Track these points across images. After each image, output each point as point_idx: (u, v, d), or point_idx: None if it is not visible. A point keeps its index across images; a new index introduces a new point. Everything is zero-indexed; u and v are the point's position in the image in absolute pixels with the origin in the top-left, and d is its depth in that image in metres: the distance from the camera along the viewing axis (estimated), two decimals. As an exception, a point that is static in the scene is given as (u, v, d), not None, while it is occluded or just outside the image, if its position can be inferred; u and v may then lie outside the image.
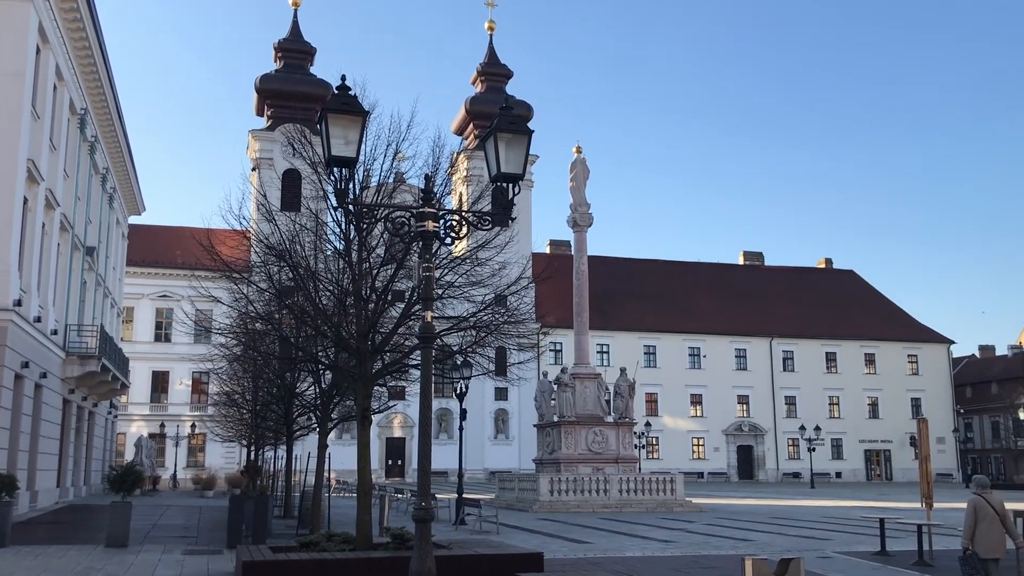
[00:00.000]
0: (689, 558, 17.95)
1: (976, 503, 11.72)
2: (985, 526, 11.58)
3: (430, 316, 8.30)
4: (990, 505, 11.67)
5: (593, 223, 39.37)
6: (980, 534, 11.59)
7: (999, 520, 11.59)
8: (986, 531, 11.57)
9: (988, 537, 11.55)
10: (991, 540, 11.54)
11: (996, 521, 11.58)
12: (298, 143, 17.77)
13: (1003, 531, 11.59)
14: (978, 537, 11.59)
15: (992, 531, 11.55)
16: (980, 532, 11.59)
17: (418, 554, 7.94)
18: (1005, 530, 11.59)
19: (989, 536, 11.55)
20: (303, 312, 15.83)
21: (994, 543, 11.52)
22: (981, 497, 11.77)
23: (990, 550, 11.52)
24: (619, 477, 35.22)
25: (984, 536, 11.56)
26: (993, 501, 11.71)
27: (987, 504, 11.68)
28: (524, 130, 8.30)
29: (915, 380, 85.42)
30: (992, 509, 11.62)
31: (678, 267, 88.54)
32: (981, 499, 11.75)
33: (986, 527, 11.58)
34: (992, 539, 11.52)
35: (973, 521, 11.65)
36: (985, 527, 11.58)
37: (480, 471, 70.43)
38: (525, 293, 19.29)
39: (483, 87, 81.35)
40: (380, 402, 25.34)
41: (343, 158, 7.98)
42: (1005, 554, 11.80)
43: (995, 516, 11.59)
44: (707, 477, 76.88)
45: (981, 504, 11.67)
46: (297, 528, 22.60)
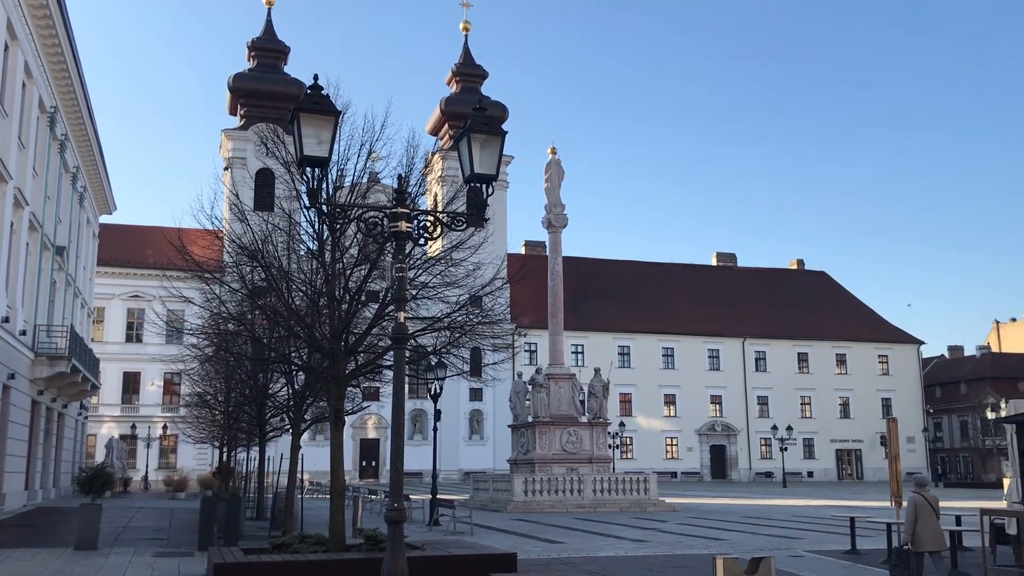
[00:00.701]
0: (662, 557, 18.03)
1: (916, 501, 12.41)
2: (924, 522, 12.30)
3: (403, 317, 8.29)
4: (928, 503, 12.35)
5: (568, 224, 39.45)
6: (920, 529, 12.29)
7: (936, 517, 12.30)
8: (925, 527, 12.27)
9: (927, 532, 12.26)
10: (930, 534, 12.27)
11: (934, 517, 12.30)
12: (271, 142, 17.66)
13: (940, 528, 12.31)
14: (919, 532, 12.29)
15: (930, 526, 12.28)
16: (920, 528, 12.31)
17: (390, 555, 7.92)
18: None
19: (928, 531, 12.26)
20: (276, 313, 15.74)
21: (934, 537, 12.29)
22: (920, 495, 12.46)
23: (931, 543, 12.26)
24: (593, 477, 35.31)
25: (924, 531, 12.25)
26: (931, 498, 12.42)
27: (926, 502, 12.37)
28: (497, 131, 8.31)
29: (885, 380, 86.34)
30: (930, 506, 12.33)
31: (652, 268, 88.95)
32: (921, 497, 12.44)
33: (924, 523, 12.29)
34: (931, 534, 12.27)
35: (914, 517, 12.36)
36: (924, 523, 12.29)
37: (455, 472, 70.37)
38: (500, 294, 19.27)
39: (458, 87, 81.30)
40: (354, 403, 25.26)
41: (315, 158, 7.95)
42: (945, 546, 12.60)
43: (932, 513, 12.29)
44: (680, 477, 77.28)
45: (921, 502, 12.35)
46: (270, 530, 22.45)
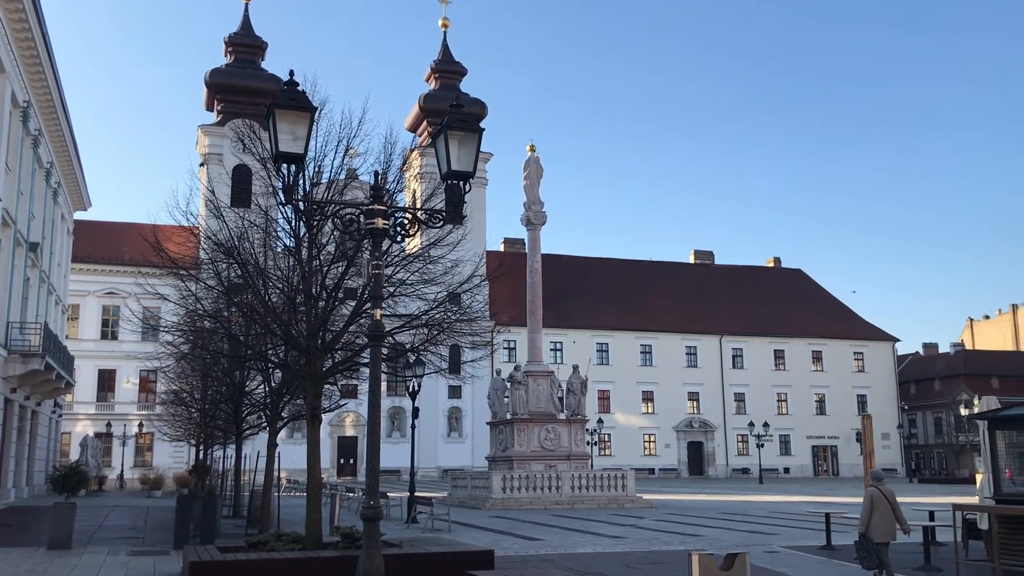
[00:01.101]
0: (639, 554, 18.11)
1: (872, 494, 13.13)
2: (879, 514, 12.98)
3: (379, 314, 8.27)
4: (884, 496, 13.09)
5: (547, 221, 39.49)
6: (875, 521, 12.97)
7: (891, 509, 12.98)
8: (879, 518, 12.97)
9: (881, 523, 12.96)
10: (884, 526, 12.96)
11: (888, 509, 12.99)
12: (248, 139, 17.54)
13: (894, 519, 12.98)
14: (873, 523, 12.97)
15: (884, 518, 12.96)
16: (875, 519, 12.99)
17: (366, 553, 7.90)
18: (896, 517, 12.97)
19: (882, 523, 12.96)
20: (252, 310, 15.66)
21: (886, 529, 12.97)
22: (877, 489, 13.18)
23: (883, 535, 12.95)
24: (571, 474, 35.38)
25: (878, 523, 12.95)
26: (886, 492, 13.15)
27: (882, 495, 13.11)
28: (475, 128, 8.29)
29: (861, 377, 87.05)
30: (885, 499, 13.06)
31: (630, 266, 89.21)
32: (877, 490, 13.16)
33: (879, 515, 12.98)
34: (884, 525, 12.95)
35: (869, 509, 13.05)
36: (879, 515, 12.98)
37: (433, 469, 70.29)
38: (478, 291, 19.28)
39: (437, 84, 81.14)
40: (331, 401, 25.20)
41: (291, 154, 7.91)
42: (895, 538, 13.24)
43: (888, 505, 12.99)
44: (658, 473, 77.60)
45: (877, 495, 13.08)
46: (246, 528, 22.35)
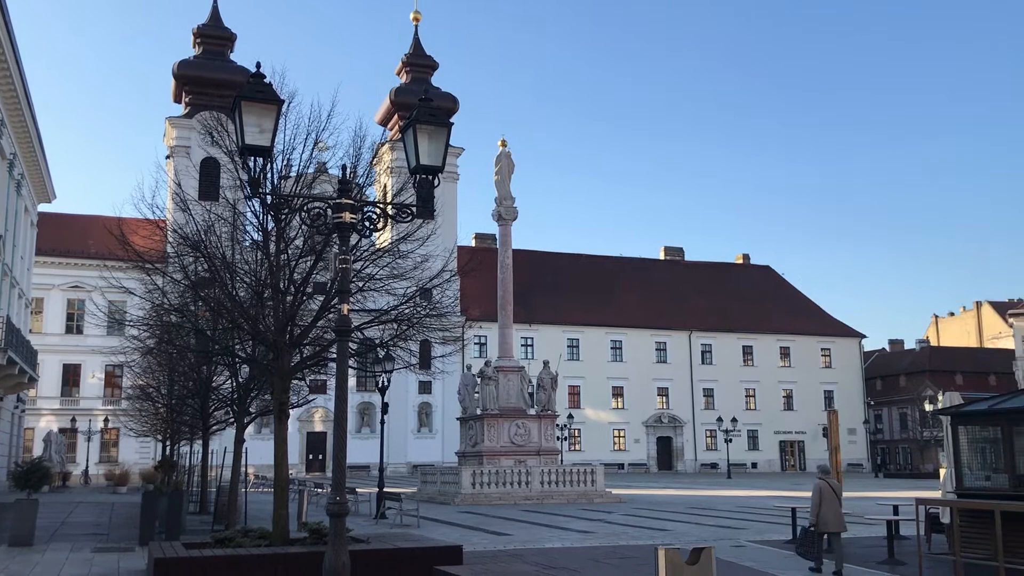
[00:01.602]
0: (607, 548, 18.18)
1: (821, 487, 14.02)
2: (827, 506, 13.84)
3: (347, 309, 8.21)
4: (831, 488, 13.99)
5: (518, 217, 39.53)
6: (824, 513, 13.82)
7: (838, 500, 13.83)
8: (828, 510, 13.80)
9: (830, 515, 13.78)
10: (832, 517, 13.78)
11: (836, 501, 13.82)
12: (216, 131, 17.36)
13: (841, 510, 13.81)
14: (822, 515, 13.81)
15: (833, 510, 13.80)
16: (824, 511, 13.83)
17: (332, 549, 7.85)
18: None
19: (831, 514, 13.78)
20: (219, 305, 15.51)
21: (835, 519, 13.82)
22: (824, 481, 14.11)
23: (832, 525, 13.79)
24: (541, 469, 35.46)
25: (827, 514, 13.77)
26: (833, 485, 14.09)
27: (829, 487, 14.01)
28: (444, 122, 8.26)
29: (828, 373, 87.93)
30: (832, 491, 13.97)
31: (601, 261, 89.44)
32: (824, 483, 14.07)
33: (828, 507, 13.84)
34: (833, 516, 13.80)
35: (819, 501, 13.94)
36: (827, 507, 13.83)
37: (403, 465, 70.13)
38: (448, 286, 19.21)
39: (408, 78, 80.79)
40: (299, 396, 25.04)
41: (257, 147, 7.83)
42: (845, 528, 14.10)
43: (834, 496, 13.82)
44: (627, 468, 77.93)
45: (825, 488, 13.97)
46: (213, 524, 22.17)
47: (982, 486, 14.66)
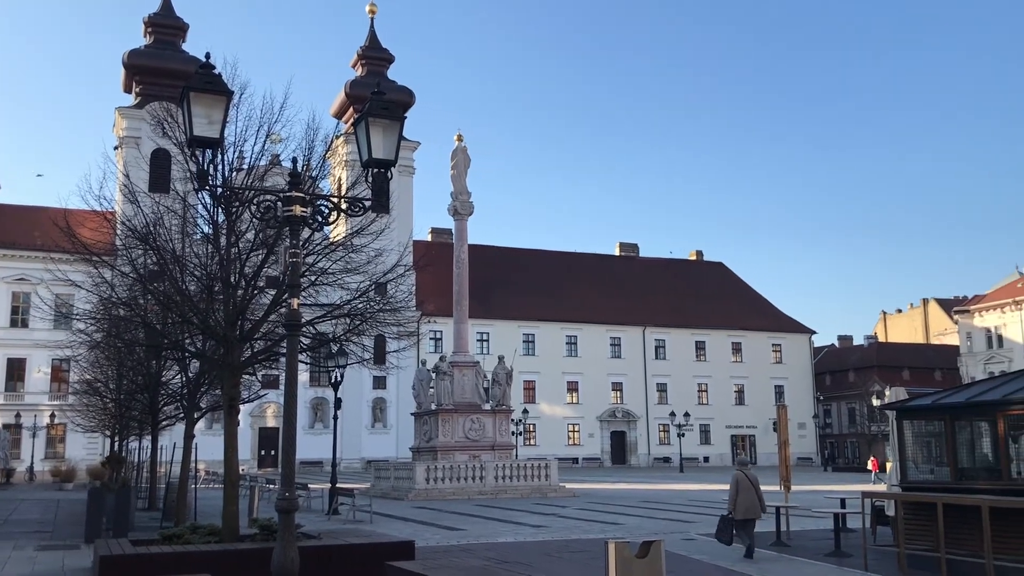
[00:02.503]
0: (559, 542, 18.26)
1: (738, 477, 15.21)
2: (743, 495, 14.99)
3: (296, 304, 8.13)
4: (748, 479, 15.11)
5: (474, 212, 39.46)
6: (740, 501, 14.98)
7: (754, 490, 14.94)
8: (744, 499, 14.98)
9: (746, 503, 14.96)
10: (748, 505, 14.98)
11: (752, 491, 14.97)
12: (167, 122, 17.06)
13: (756, 499, 14.91)
14: (739, 504, 14.97)
15: (748, 498, 14.97)
16: (740, 500, 14.99)
17: (281, 545, 7.79)
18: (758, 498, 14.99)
19: (746, 503, 14.96)
20: (169, 298, 15.27)
21: (750, 507, 15.00)
22: (742, 472, 15.30)
23: (748, 512, 15.01)
24: (495, 464, 35.49)
25: (742, 503, 14.95)
26: (750, 475, 15.23)
27: (746, 478, 15.13)
28: (396, 115, 8.21)
29: (778, 368, 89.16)
30: (749, 481, 15.10)
31: (557, 257, 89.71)
32: (742, 474, 15.25)
33: (744, 496, 14.99)
34: (748, 504, 14.98)
35: (735, 491, 15.10)
36: (743, 496, 14.99)
37: (357, 460, 69.76)
38: (403, 280, 19.12)
39: (364, 71, 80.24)
40: (250, 391, 24.79)
41: (206, 139, 7.72)
42: (760, 516, 15.21)
43: (751, 487, 15.02)
44: (582, 463, 78.30)
45: (742, 478, 15.13)
46: (161, 521, 21.86)
47: (926, 479, 14.99)
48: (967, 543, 12.73)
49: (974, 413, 13.89)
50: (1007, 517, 12.22)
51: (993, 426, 13.42)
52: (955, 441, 13.99)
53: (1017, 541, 12.17)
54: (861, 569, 13.89)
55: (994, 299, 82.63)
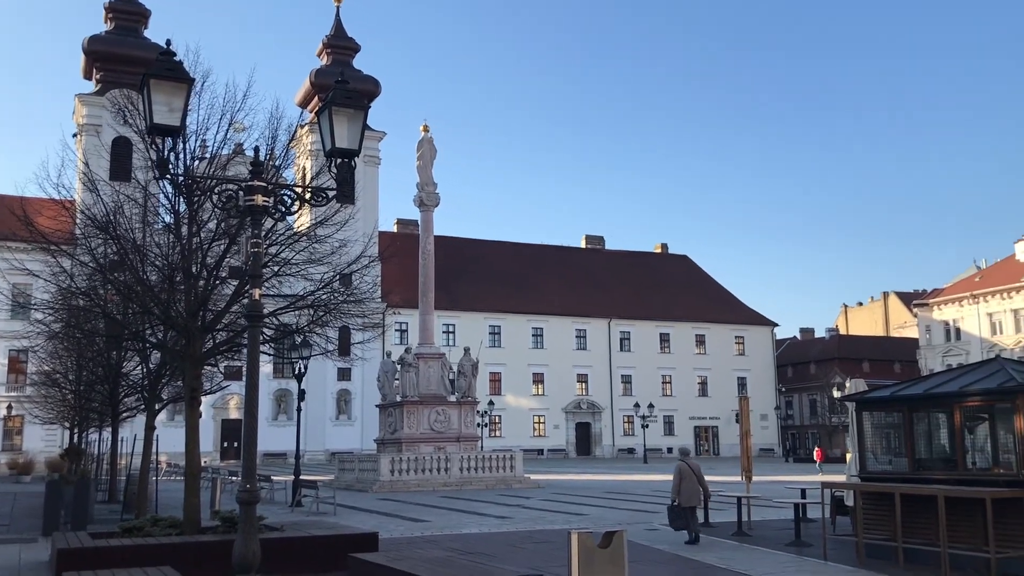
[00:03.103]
0: (523, 533, 18.32)
1: (681, 467, 16.43)
2: (686, 484, 16.14)
3: (258, 294, 8.06)
4: (690, 468, 16.33)
5: (440, 203, 39.34)
6: (683, 489, 16.11)
7: (696, 479, 16.20)
8: (687, 487, 16.12)
9: (688, 491, 16.11)
10: (690, 493, 16.13)
11: (694, 480, 16.20)
12: (128, 110, 16.78)
13: (698, 487, 16.21)
14: (682, 492, 16.10)
15: (690, 487, 16.13)
16: (683, 488, 16.11)
17: (242, 537, 7.73)
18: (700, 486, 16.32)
19: (689, 490, 16.11)
20: (129, 289, 15.05)
21: (692, 495, 16.17)
22: (684, 462, 16.53)
23: (689, 500, 16.14)
24: (460, 455, 35.48)
25: (686, 491, 16.09)
26: (692, 465, 16.48)
27: (688, 467, 16.35)
28: (360, 104, 8.16)
29: (741, 360, 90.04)
30: (691, 470, 16.30)
31: (523, 249, 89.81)
32: (684, 464, 16.47)
33: (687, 484, 16.14)
34: (690, 492, 16.14)
35: (679, 480, 16.25)
36: (686, 484, 16.13)
37: (321, 452, 69.43)
38: (368, 271, 19.01)
39: (329, 60, 79.63)
40: (212, 383, 24.57)
41: (166, 127, 7.61)
42: (700, 502, 16.58)
43: (692, 475, 16.21)
44: (547, 454, 78.61)
45: (684, 468, 16.35)
46: (122, 513, 21.62)
47: (884, 470, 15.19)
48: (923, 532, 12.95)
49: (931, 404, 14.09)
50: (961, 506, 12.45)
51: (950, 417, 13.63)
52: (913, 432, 14.19)
53: (970, 530, 12.40)
54: (820, 558, 14.09)
55: (952, 293, 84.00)
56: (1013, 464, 12.54)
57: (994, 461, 13.27)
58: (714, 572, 13.14)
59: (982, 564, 12.17)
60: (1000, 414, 13.15)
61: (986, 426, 13.85)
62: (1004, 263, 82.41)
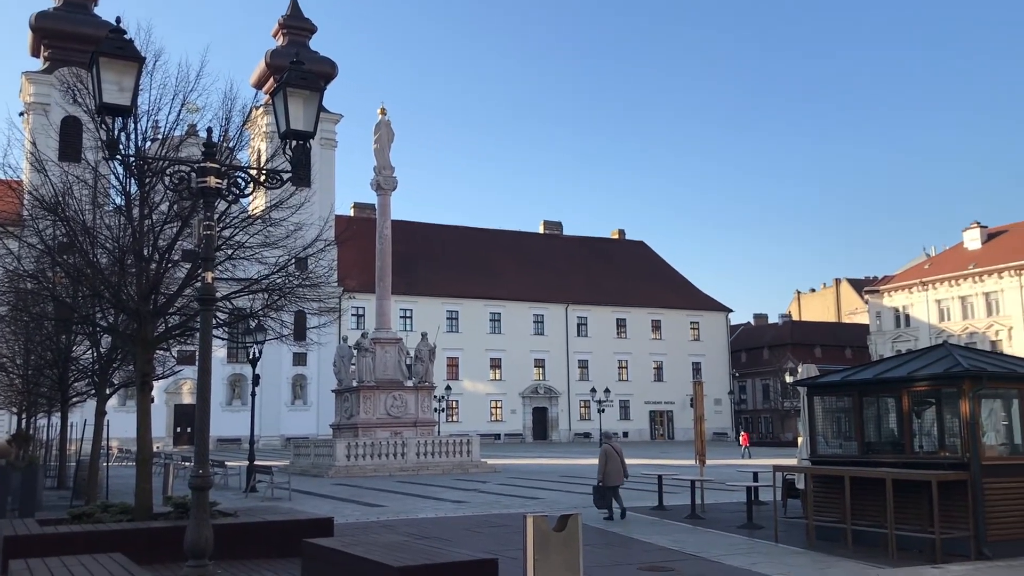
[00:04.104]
0: (480, 517, 18.38)
1: (606, 449, 17.92)
2: (611, 465, 17.70)
3: (211, 277, 7.94)
4: (614, 450, 17.88)
5: (398, 187, 39.08)
6: (608, 470, 17.65)
7: (618, 460, 17.76)
8: (611, 468, 17.67)
9: (613, 472, 17.67)
10: (613, 473, 17.68)
11: (617, 461, 17.75)
12: (77, 89, 16.40)
13: (620, 468, 17.75)
14: (607, 473, 17.64)
15: (614, 468, 17.69)
16: (608, 469, 17.65)
17: (194, 523, 7.64)
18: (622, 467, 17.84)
19: (613, 471, 17.67)
20: (79, 271, 14.76)
21: (615, 475, 17.71)
22: (609, 445, 18.09)
23: (613, 479, 17.67)
24: (417, 440, 35.44)
25: (610, 471, 17.64)
26: (616, 447, 18.07)
27: (612, 450, 17.87)
28: (315, 86, 8.05)
29: (696, 345, 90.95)
30: (615, 453, 17.83)
31: (481, 234, 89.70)
32: (609, 446, 18.02)
33: (611, 466, 17.69)
34: (614, 473, 17.69)
35: (604, 462, 17.75)
36: (611, 466, 17.69)
37: (276, 438, 68.94)
38: (323, 255, 18.84)
39: (285, 40, 78.68)
40: (165, 367, 24.24)
41: (117, 106, 7.44)
42: (623, 482, 17.92)
43: (616, 457, 17.76)
44: (504, 438, 78.87)
45: (609, 450, 17.85)
46: (71, 500, 21.29)
47: (834, 453, 15.47)
48: (871, 514, 13.22)
49: (881, 389, 14.35)
50: (908, 489, 12.72)
51: (898, 402, 13.89)
52: (863, 416, 14.44)
53: (917, 512, 12.69)
54: (772, 540, 14.31)
55: (902, 280, 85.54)
56: (958, 448, 12.83)
57: (940, 445, 13.57)
58: (667, 554, 13.30)
59: (927, 545, 12.46)
60: (947, 399, 13.44)
61: (933, 410, 14.15)
62: (952, 251, 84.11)
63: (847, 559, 12.51)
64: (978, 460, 12.41)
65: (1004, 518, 12.47)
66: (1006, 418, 13.97)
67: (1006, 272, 75.16)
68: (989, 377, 12.81)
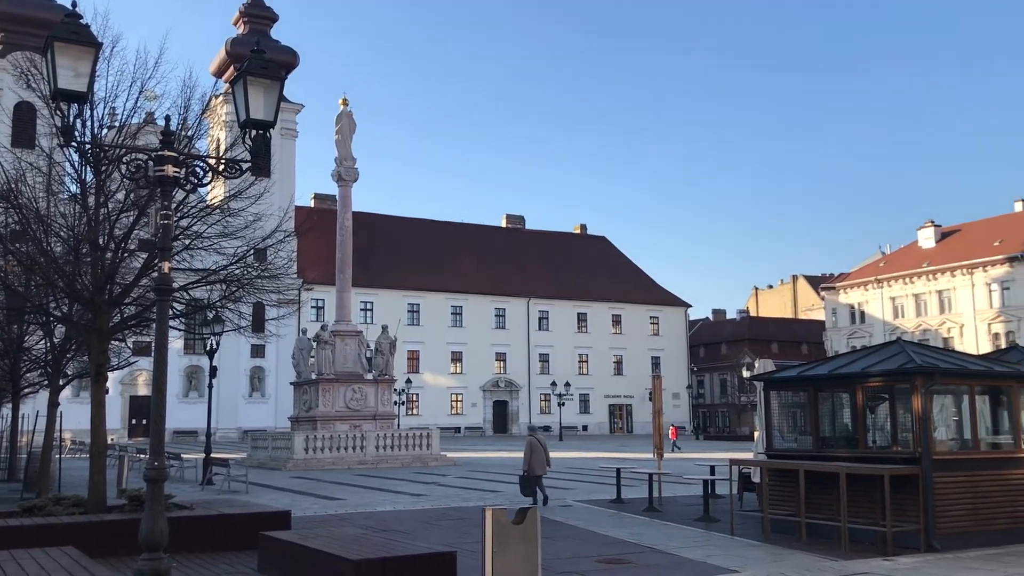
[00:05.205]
0: (439, 510, 18.38)
1: (531, 442, 19.20)
2: (536, 456, 19.00)
3: (167, 267, 7.84)
4: (539, 442, 19.19)
5: (359, 179, 38.85)
6: (533, 461, 18.95)
7: (543, 451, 19.13)
8: (536, 459, 18.98)
9: (537, 462, 18.98)
10: (539, 464, 19.02)
11: (542, 452, 19.11)
12: (31, 74, 16.09)
13: (544, 458, 19.10)
14: (532, 463, 18.93)
15: (539, 459, 19.03)
16: (533, 460, 18.96)
17: (149, 515, 7.55)
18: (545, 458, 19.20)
19: (538, 462, 18.98)
20: (31, 260, 14.49)
21: (540, 465, 19.07)
22: (534, 437, 19.39)
23: (539, 469, 19.02)
24: (376, 433, 35.29)
25: (535, 462, 18.96)
26: (540, 439, 19.45)
27: (537, 442, 19.17)
28: (276, 75, 7.97)
29: (656, 340, 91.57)
30: (540, 444, 19.18)
31: (443, 227, 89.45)
32: (534, 439, 19.29)
33: (536, 456, 18.99)
34: (538, 463, 19.02)
35: (529, 453, 19.01)
36: (536, 456, 18.99)
37: (233, 430, 68.21)
38: (283, 246, 18.69)
39: (246, 29, 77.72)
40: (120, 358, 23.90)
41: (72, 92, 7.30)
42: (546, 472, 19.38)
43: (541, 448, 19.11)
44: (464, 432, 78.83)
45: (534, 442, 19.16)
46: (22, 492, 20.89)
47: (790, 448, 15.68)
48: (825, 508, 13.44)
49: (836, 384, 14.57)
50: (861, 483, 12.95)
51: (853, 397, 14.12)
52: (818, 411, 14.66)
53: (869, 505, 12.92)
54: (728, 533, 14.49)
55: (858, 277, 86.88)
56: (910, 442, 13.08)
57: (893, 439, 13.82)
58: (625, 547, 13.40)
59: (879, 537, 12.70)
60: (899, 394, 13.68)
61: (886, 406, 14.40)
62: (907, 249, 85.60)
63: (801, 551, 12.70)
64: (929, 455, 12.66)
65: (953, 512, 12.74)
66: (956, 414, 14.27)
67: (959, 271, 76.66)
68: (941, 373, 13.07)
